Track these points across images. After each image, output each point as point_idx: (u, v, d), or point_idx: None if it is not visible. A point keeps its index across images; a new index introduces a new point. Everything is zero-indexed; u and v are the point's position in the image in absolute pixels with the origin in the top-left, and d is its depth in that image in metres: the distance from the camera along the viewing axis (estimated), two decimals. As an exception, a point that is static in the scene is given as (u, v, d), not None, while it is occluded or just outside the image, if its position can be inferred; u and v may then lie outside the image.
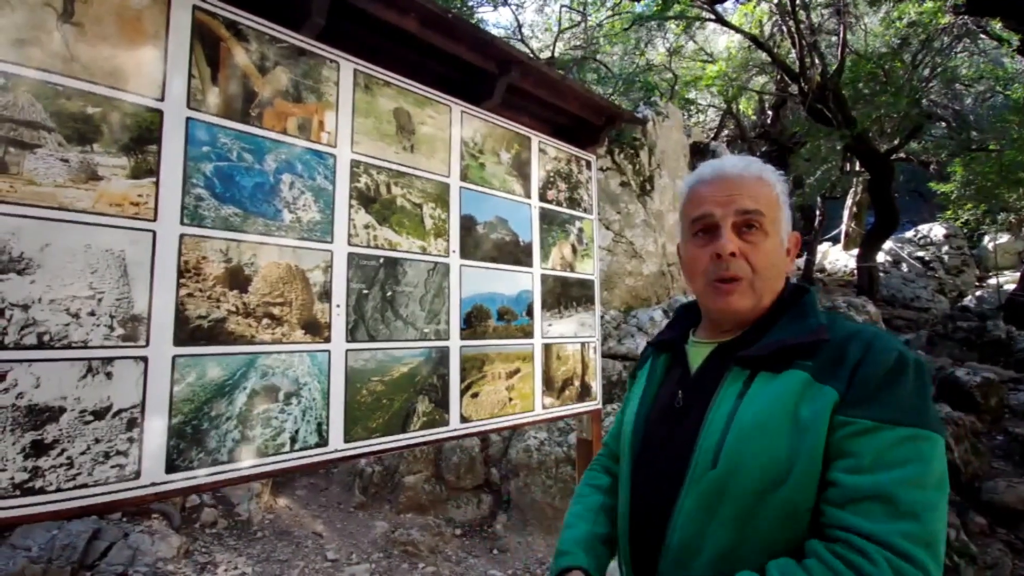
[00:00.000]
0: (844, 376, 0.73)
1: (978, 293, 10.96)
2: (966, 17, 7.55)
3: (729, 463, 0.74)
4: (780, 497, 0.71)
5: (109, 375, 1.18)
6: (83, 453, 1.14)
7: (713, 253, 0.84)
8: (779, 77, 10.55)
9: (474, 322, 2.01)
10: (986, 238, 13.31)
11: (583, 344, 2.49)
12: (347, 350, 1.62)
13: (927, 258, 12.17)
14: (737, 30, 9.10)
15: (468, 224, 2.03)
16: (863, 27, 9.93)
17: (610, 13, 9.84)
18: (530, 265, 2.27)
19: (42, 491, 1.10)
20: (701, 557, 0.76)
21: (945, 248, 12.24)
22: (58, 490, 1.12)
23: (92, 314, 1.16)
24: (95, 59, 1.21)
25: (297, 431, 1.48)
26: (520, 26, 10.17)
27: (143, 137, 1.26)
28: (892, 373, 0.71)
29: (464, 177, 2.03)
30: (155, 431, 1.23)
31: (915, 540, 0.62)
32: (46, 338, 1.11)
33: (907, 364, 0.72)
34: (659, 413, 0.91)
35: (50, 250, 1.12)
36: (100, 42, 1.22)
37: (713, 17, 8.93)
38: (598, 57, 9.77)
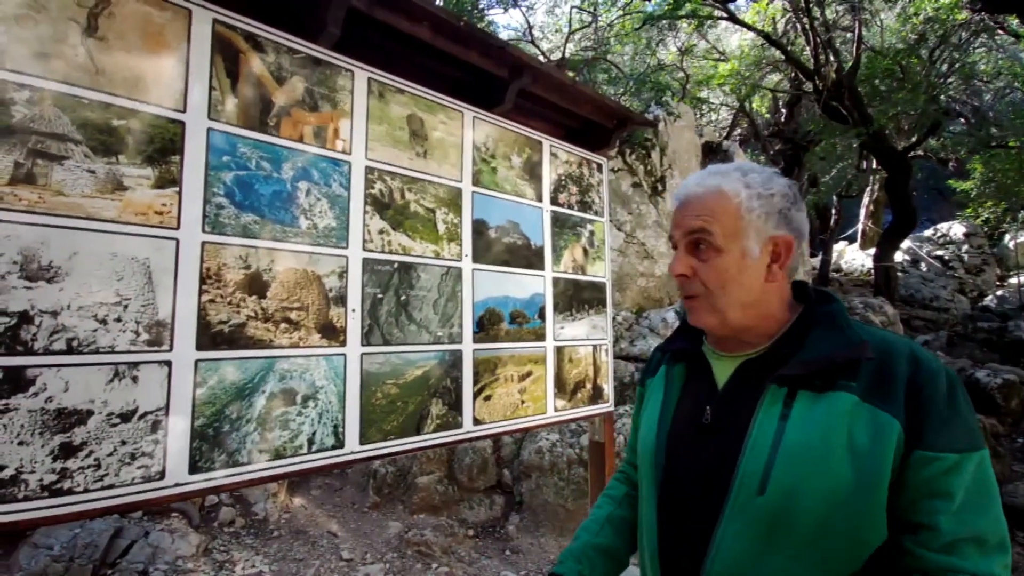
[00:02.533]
0: (898, 399, 0.71)
1: (999, 293, 10.75)
2: (983, 13, 7.42)
3: (781, 489, 0.72)
4: (845, 526, 0.70)
5: (135, 379, 1.21)
6: (110, 454, 1.18)
7: None
8: (793, 75, 10.44)
9: (487, 325, 2.03)
10: (1007, 236, 13.05)
11: (595, 346, 2.50)
12: (362, 354, 1.64)
13: (947, 257, 11.96)
14: (750, 28, 9.03)
15: (480, 228, 2.05)
16: (879, 23, 9.79)
17: (621, 13, 9.82)
18: (542, 268, 2.29)
19: (70, 492, 1.14)
20: None
21: (965, 247, 12.02)
22: (86, 491, 1.15)
23: (118, 320, 1.20)
24: (119, 72, 1.25)
25: (314, 433, 1.51)
26: (531, 28, 10.18)
27: (166, 148, 1.30)
28: (951, 395, 0.71)
29: (476, 182, 2.05)
30: (179, 433, 1.27)
31: (1008, 568, 0.68)
32: (75, 343, 1.15)
33: (956, 383, 0.72)
34: (683, 430, 0.88)
35: (78, 258, 1.16)
36: (124, 55, 1.26)
37: (725, 15, 8.87)
38: (609, 57, 9.74)
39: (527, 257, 2.23)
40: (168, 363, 1.26)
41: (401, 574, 3.45)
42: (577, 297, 2.44)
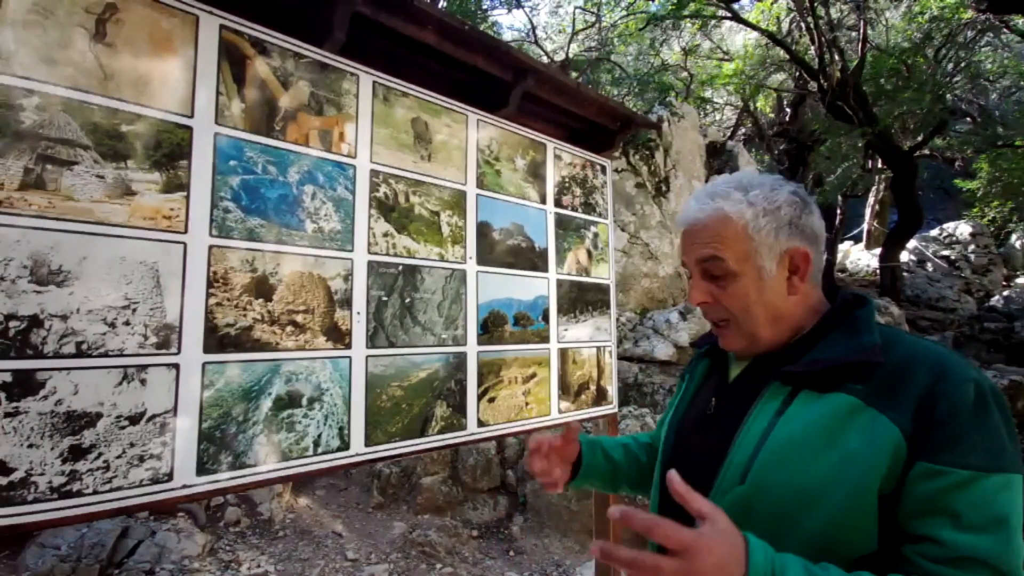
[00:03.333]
0: (907, 408, 0.67)
1: (1006, 293, 10.66)
2: (988, 13, 7.38)
3: (758, 481, 0.73)
4: (811, 525, 0.68)
5: (143, 382, 1.22)
6: (119, 456, 1.19)
7: None
8: (798, 74, 10.40)
9: (491, 327, 2.03)
10: (1014, 236, 12.96)
11: (599, 348, 2.50)
12: (367, 356, 1.65)
13: (953, 257, 11.88)
14: (754, 27, 9.01)
15: (484, 231, 2.05)
16: (884, 22, 9.75)
17: (624, 13, 9.81)
18: (546, 270, 2.29)
19: (79, 494, 1.15)
20: None
21: (971, 247, 11.93)
22: (95, 492, 1.16)
23: (127, 323, 1.21)
24: (127, 78, 1.26)
25: (320, 435, 1.52)
26: (534, 28, 10.19)
27: (174, 153, 1.31)
28: (977, 409, 0.66)
29: (480, 184, 2.06)
30: (186, 435, 1.28)
31: None
32: (84, 347, 1.16)
33: (988, 396, 0.67)
34: (692, 420, 0.92)
35: (87, 262, 1.17)
36: (132, 61, 1.27)
37: (729, 15, 8.85)
38: (612, 58, 9.74)
39: (531, 259, 2.23)
40: (176, 366, 1.28)
41: (405, 574, 3.47)
42: (581, 299, 2.45)
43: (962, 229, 12.26)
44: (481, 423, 1.96)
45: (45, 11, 1.16)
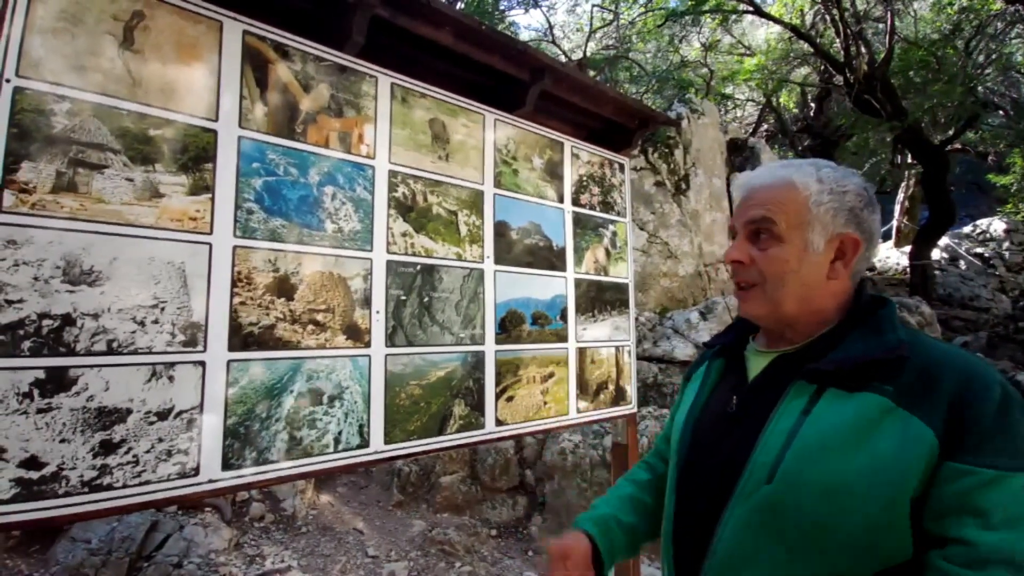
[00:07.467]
0: (938, 410, 0.67)
1: (1043, 291, 10.27)
2: (1018, 4, 7.12)
3: (787, 481, 0.72)
4: (846, 530, 0.68)
5: (171, 378, 1.26)
6: (148, 452, 1.22)
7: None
8: (823, 68, 10.18)
9: (509, 327, 2.04)
10: (1051, 232, 12.46)
11: (617, 348, 2.49)
12: (387, 355, 1.67)
13: (986, 254, 11.49)
14: (777, 21, 8.84)
15: (502, 230, 2.06)
16: (912, 13, 9.48)
17: (642, 10, 9.72)
18: (564, 269, 2.28)
19: (110, 488, 1.18)
20: (753, 571, 0.74)
21: (1006, 244, 11.52)
22: (124, 487, 1.20)
23: (156, 322, 1.25)
24: (155, 83, 1.30)
25: (340, 433, 1.54)
26: (551, 27, 10.17)
27: (200, 156, 1.34)
28: (1002, 410, 0.66)
29: (498, 184, 2.06)
30: (212, 431, 1.31)
31: None
32: (115, 344, 1.20)
33: (1012, 398, 0.68)
34: (710, 419, 0.90)
35: (117, 263, 1.21)
36: (159, 67, 1.31)
37: (751, 9, 8.70)
38: (631, 55, 9.67)
39: (549, 258, 2.23)
40: (202, 363, 1.31)
41: (425, 572, 3.49)
42: (599, 298, 2.43)
43: (996, 226, 11.85)
44: (499, 422, 1.96)
45: (74, 19, 1.20)
